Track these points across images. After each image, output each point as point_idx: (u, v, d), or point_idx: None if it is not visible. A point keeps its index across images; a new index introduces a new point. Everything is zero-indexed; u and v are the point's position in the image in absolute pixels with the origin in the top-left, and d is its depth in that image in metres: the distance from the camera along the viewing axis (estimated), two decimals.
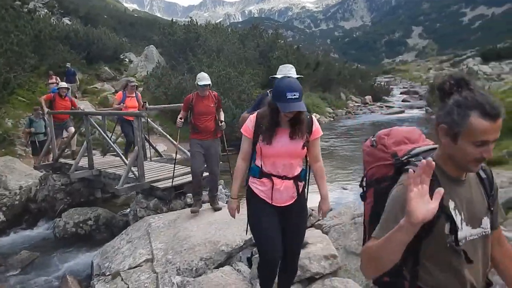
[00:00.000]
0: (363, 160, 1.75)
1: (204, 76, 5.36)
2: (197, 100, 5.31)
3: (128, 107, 7.31)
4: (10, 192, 8.17)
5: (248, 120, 2.67)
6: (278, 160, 2.62)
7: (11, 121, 13.02)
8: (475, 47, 72.33)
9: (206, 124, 5.32)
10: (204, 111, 5.28)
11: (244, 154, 2.73)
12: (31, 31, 17.45)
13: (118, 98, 7.38)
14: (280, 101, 2.43)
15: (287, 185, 2.67)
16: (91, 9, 40.62)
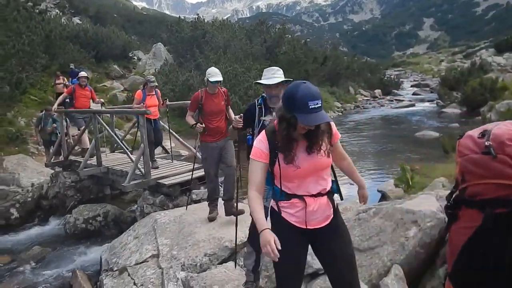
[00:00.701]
0: (462, 167, 1.37)
1: (215, 71, 4.84)
2: (206, 99, 4.84)
3: (148, 106, 7.05)
4: (22, 189, 8.38)
5: (257, 142, 2.24)
6: (305, 179, 2.20)
7: (23, 120, 13.27)
8: (488, 38, 70.99)
9: (218, 124, 4.88)
10: (215, 111, 4.85)
11: (257, 185, 2.17)
12: (42, 32, 17.70)
13: (138, 97, 7.09)
14: (301, 112, 1.97)
15: (321, 203, 2.23)
16: (100, 8, 40.94)
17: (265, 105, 3.24)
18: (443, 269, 3.30)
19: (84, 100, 8.53)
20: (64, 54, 19.11)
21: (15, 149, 11.03)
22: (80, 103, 8.44)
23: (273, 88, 3.13)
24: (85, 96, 8.55)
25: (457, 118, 17.88)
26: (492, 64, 32.25)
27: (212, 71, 4.83)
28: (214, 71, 4.84)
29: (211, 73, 4.79)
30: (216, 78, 4.77)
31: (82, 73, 8.69)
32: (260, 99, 3.28)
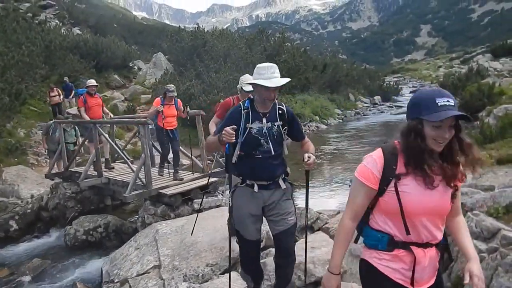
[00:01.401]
0: None
1: (250, 79, 4.22)
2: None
3: (166, 116, 6.69)
4: (22, 200, 8.34)
5: (368, 161, 1.73)
6: (422, 219, 1.67)
7: (23, 131, 13.26)
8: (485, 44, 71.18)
9: None
10: None
11: (356, 212, 1.75)
12: (42, 42, 17.81)
13: (156, 104, 6.72)
14: (428, 111, 1.53)
15: (431, 256, 1.75)
16: (100, 18, 41.19)
17: (252, 109, 2.83)
18: (445, 275, 3.27)
19: (97, 109, 8.11)
20: (64, 64, 19.17)
21: (14, 160, 11.01)
22: (93, 112, 8.01)
23: (273, 91, 2.73)
24: (97, 104, 8.15)
25: None
26: (489, 69, 32.35)
27: (246, 79, 4.34)
28: (248, 78, 4.24)
29: (245, 81, 4.29)
30: (250, 88, 4.24)
31: (91, 81, 8.26)
32: (247, 102, 2.85)
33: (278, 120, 2.87)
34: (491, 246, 3.05)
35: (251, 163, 2.84)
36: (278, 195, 2.96)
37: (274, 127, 2.85)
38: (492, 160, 6.74)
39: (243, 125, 2.78)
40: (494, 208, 3.71)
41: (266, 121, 2.83)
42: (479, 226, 3.27)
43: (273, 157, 2.86)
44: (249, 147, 2.81)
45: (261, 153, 2.83)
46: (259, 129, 2.81)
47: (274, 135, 2.85)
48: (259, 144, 2.82)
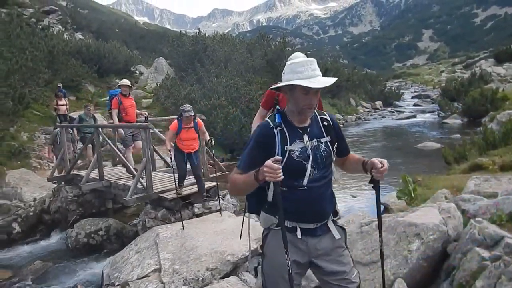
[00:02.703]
0: None
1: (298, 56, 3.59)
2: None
3: (184, 139, 6.10)
4: (25, 203, 8.38)
5: None
6: None
7: (26, 135, 13.32)
8: (488, 48, 71.29)
9: None
10: None
11: None
12: (45, 47, 17.92)
13: (172, 129, 6.07)
14: None
15: None
16: (102, 23, 41.44)
17: (286, 124, 2.08)
18: (447, 282, 3.27)
19: (132, 111, 7.50)
20: (67, 69, 19.28)
21: (17, 163, 11.05)
22: (130, 115, 7.42)
23: (314, 95, 2.02)
24: (132, 105, 7.53)
25: (459, 129, 17.89)
26: (492, 74, 32.38)
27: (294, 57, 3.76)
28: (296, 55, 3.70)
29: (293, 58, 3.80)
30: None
31: (125, 81, 7.63)
32: (277, 116, 2.10)
33: (324, 135, 2.15)
34: (494, 254, 3.02)
35: (293, 197, 2.06)
36: (329, 244, 2.17)
37: (321, 145, 2.12)
38: (496, 166, 6.73)
39: (280, 149, 2.03)
40: (497, 215, 3.69)
41: (309, 138, 2.09)
42: (482, 233, 3.24)
43: (322, 187, 2.12)
44: (290, 177, 2.00)
45: (307, 183, 2.07)
46: (301, 150, 2.06)
47: (323, 156, 2.11)
48: (303, 171, 2.06)
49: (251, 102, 15.41)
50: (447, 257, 3.50)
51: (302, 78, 1.95)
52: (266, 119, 2.15)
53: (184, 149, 6.16)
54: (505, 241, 3.09)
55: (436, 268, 3.51)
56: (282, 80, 2.07)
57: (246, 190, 2.07)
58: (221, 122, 13.68)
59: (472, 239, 3.26)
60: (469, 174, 6.39)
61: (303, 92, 1.97)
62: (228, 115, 13.90)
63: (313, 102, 2.01)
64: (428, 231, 3.49)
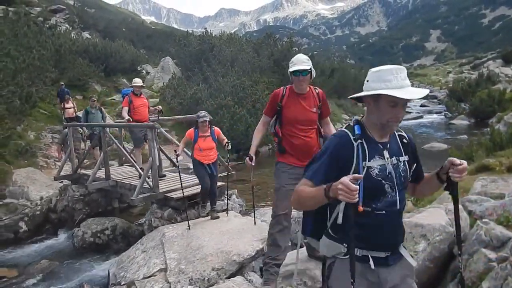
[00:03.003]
0: None
1: (300, 58, 3.45)
2: (290, 98, 3.53)
3: (202, 149, 5.77)
4: (31, 202, 8.43)
5: None
6: None
7: (33, 134, 13.41)
8: (496, 49, 70.71)
9: (305, 140, 3.51)
10: (301, 119, 3.50)
11: None
12: (52, 46, 18.03)
13: (189, 137, 5.81)
14: None
15: None
16: (110, 22, 41.58)
17: (366, 137, 1.85)
18: (454, 283, 3.25)
19: (143, 110, 7.45)
20: (74, 68, 19.37)
21: (24, 162, 11.12)
22: (140, 114, 7.37)
23: (402, 107, 1.81)
24: (143, 104, 7.48)
25: (466, 130, 17.77)
26: (500, 75, 32.14)
27: (296, 59, 3.46)
28: (298, 58, 3.45)
29: (294, 61, 3.43)
30: (299, 66, 3.36)
31: (137, 81, 7.57)
32: (357, 128, 1.85)
33: (403, 154, 1.93)
34: (500, 255, 3.00)
35: (367, 222, 1.78)
36: (398, 275, 1.90)
37: (400, 164, 1.89)
38: (503, 167, 6.67)
39: (359, 164, 1.79)
40: (504, 217, 3.66)
41: (389, 156, 1.87)
42: (488, 234, 3.22)
43: (399, 213, 1.89)
44: (368, 198, 1.76)
45: (384, 206, 1.82)
46: (381, 168, 1.82)
47: (401, 177, 1.88)
48: (382, 191, 1.82)
49: (257, 102, 15.41)
50: (454, 258, 3.48)
51: (391, 88, 1.73)
52: (343, 129, 1.91)
53: (203, 160, 5.80)
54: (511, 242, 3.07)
55: (442, 269, 3.49)
56: (364, 89, 1.87)
57: (311, 206, 1.83)
58: (227, 122, 13.69)
59: (479, 240, 3.25)
60: (476, 175, 6.32)
61: (391, 104, 1.76)
62: (235, 115, 13.91)
63: (401, 115, 1.82)
64: (435, 232, 3.47)
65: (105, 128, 7.62)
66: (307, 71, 3.39)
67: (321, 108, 3.57)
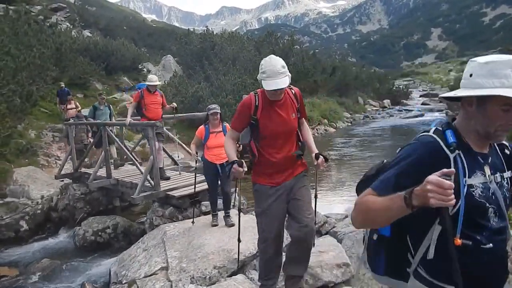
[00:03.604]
0: None
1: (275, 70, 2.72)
2: (265, 108, 2.89)
3: (211, 147, 5.27)
4: (32, 201, 8.42)
5: None
6: None
7: (34, 132, 13.40)
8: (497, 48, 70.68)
9: (287, 154, 2.99)
10: (281, 131, 2.93)
11: None
12: (53, 45, 18.01)
13: (199, 135, 5.34)
14: None
15: None
16: (111, 21, 41.63)
17: (463, 147, 1.43)
18: None
19: (156, 107, 7.03)
20: (75, 66, 19.36)
21: (25, 161, 11.12)
22: (152, 112, 6.97)
23: None
24: (156, 102, 7.04)
25: None
26: None
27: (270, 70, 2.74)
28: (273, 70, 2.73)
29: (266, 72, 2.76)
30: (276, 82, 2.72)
31: (153, 78, 7.08)
32: (450, 133, 1.44)
33: (505, 169, 1.52)
34: None
35: (470, 257, 1.37)
36: None
37: (503, 182, 1.49)
38: None
39: (459, 182, 1.35)
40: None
41: (491, 171, 1.46)
42: None
43: (505, 242, 1.47)
44: (469, 226, 1.37)
45: (489, 237, 1.40)
46: (483, 187, 1.41)
47: (506, 198, 1.48)
48: (486, 218, 1.41)
49: None
50: None
51: (508, 87, 1.31)
52: (430, 134, 1.46)
53: (214, 160, 5.24)
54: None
55: None
56: (466, 85, 1.44)
57: (383, 221, 1.40)
58: (228, 120, 13.66)
59: None
60: None
61: (505, 108, 1.34)
62: None
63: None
64: None
65: (105, 127, 7.59)
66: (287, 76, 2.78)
67: (299, 111, 3.02)
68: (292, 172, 3.04)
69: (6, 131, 10.14)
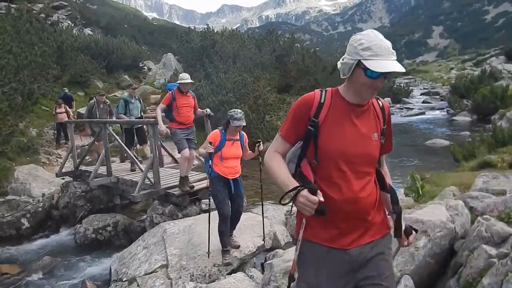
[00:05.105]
0: None
1: (385, 45, 1.75)
2: (334, 111, 1.85)
3: (226, 158, 4.44)
4: (33, 199, 8.44)
5: None
6: None
7: (35, 130, 13.45)
8: (498, 46, 70.40)
9: (359, 195, 1.79)
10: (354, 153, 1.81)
11: None
12: (54, 43, 18.07)
13: (213, 140, 4.40)
14: None
15: None
16: (112, 19, 41.60)
17: None
18: (454, 279, 3.25)
19: (188, 111, 6.33)
20: (75, 64, 19.42)
21: (26, 159, 11.15)
22: (183, 116, 6.25)
23: None
24: (188, 104, 6.33)
25: (468, 126, 17.73)
26: (503, 71, 31.99)
27: (376, 45, 1.73)
28: (381, 44, 1.75)
29: (371, 47, 1.72)
30: (387, 62, 1.71)
31: (185, 76, 6.37)
32: None
33: None
34: (501, 252, 3.01)
35: None
36: None
37: None
38: (504, 164, 6.67)
39: None
40: (505, 213, 3.66)
41: None
42: (489, 231, 3.23)
43: None
44: None
45: None
46: None
47: None
48: None
49: (259, 98, 15.38)
50: (454, 254, 3.49)
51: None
52: None
53: (227, 174, 4.43)
54: None
55: (443, 265, 3.49)
56: None
57: None
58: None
59: (480, 237, 3.25)
60: (478, 172, 6.32)
61: None
62: None
63: None
64: (435, 228, 3.47)
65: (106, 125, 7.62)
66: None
67: (384, 135, 1.91)
68: (366, 231, 1.83)
69: (8, 129, 10.17)
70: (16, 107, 10.98)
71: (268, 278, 3.84)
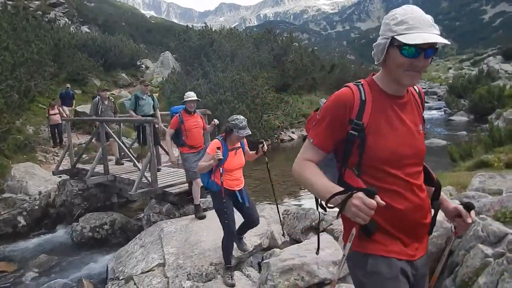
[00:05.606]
0: None
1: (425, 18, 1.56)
2: (379, 107, 1.57)
3: (230, 169, 4.06)
4: (30, 197, 8.42)
5: None
6: None
7: (32, 128, 13.40)
8: (496, 45, 70.62)
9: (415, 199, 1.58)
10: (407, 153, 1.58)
11: None
12: (51, 40, 18.00)
13: (211, 152, 3.92)
14: None
15: None
16: (109, 17, 41.49)
17: None
18: (451, 279, 3.27)
19: (198, 131, 5.90)
20: (73, 62, 19.35)
21: (23, 157, 11.12)
22: (194, 138, 5.83)
23: None
24: (197, 125, 5.88)
25: (465, 126, 17.79)
26: (500, 71, 32.10)
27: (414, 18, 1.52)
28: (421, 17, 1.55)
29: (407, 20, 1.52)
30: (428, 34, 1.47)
31: (191, 95, 5.87)
32: None
33: None
34: (497, 251, 3.02)
35: None
36: None
37: None
38: (501, 163, 6.69)
39: None
40: (501, 213, 3.67)
41: None
42: (485, 230, 3.24)
43: None
44: None
45: None
46: None
47: None
48: None
49: (256, 97, 15.39)
50: (450, 253, 3.49)
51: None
52: None
53: (234, 186, 4.10)
54: (508, 238, 3.08)
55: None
56: None
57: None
58: (226, 117, 13.66)
59: (476, 236, 3.26)
60: (475, 171, 6.34)
61: None
62: (234, 110, 13.89)
63: None
64: None
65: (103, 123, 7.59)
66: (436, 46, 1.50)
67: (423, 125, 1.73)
68: (423, 239, 1.70)
69: (4, 126, 10.14)
70: (12, 105, 10.93)
71: (265, 277, 3.84)
